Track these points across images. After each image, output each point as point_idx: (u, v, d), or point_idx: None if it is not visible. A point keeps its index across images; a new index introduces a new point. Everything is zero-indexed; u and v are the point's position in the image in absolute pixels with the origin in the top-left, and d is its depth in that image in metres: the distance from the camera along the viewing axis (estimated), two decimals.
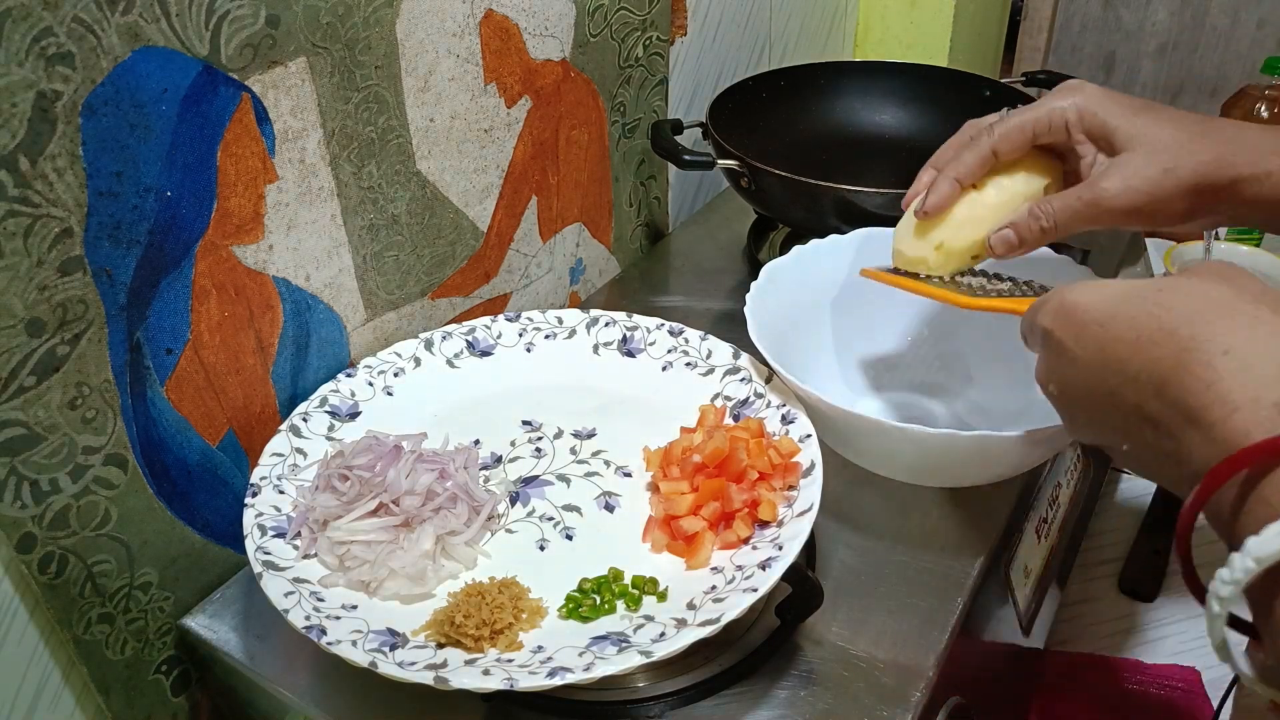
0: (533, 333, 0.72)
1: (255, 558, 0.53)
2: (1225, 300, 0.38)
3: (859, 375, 0.74)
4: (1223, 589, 0.33)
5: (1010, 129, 0.56)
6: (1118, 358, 0.40)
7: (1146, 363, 0.38)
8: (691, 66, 0.99)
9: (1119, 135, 0.53)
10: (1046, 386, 0.46)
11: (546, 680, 0.46)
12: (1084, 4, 1.85)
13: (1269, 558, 0.31)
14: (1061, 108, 0.55)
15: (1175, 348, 0.37)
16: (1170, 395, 0.37)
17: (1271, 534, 0.32)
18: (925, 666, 0.54)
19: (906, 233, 0.61)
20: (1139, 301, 0.40)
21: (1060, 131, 0.55)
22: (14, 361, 0.48)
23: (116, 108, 0.49)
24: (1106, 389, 0.41)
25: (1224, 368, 0.36)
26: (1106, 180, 0.52)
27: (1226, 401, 0.35)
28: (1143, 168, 0.51)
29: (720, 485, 0.57)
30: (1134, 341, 0.39)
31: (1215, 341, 0.36)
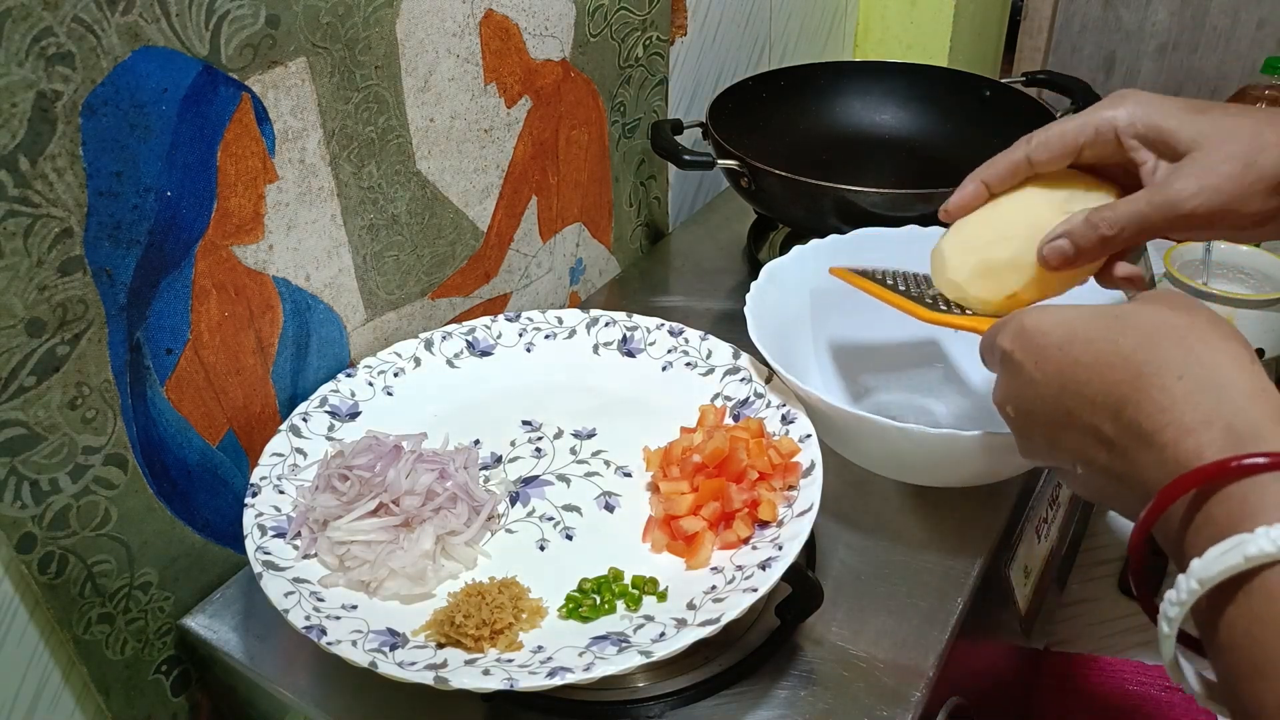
0: (533, 333, 0.72)
1: (255, 558, 0.53)
2: (1181, 328, 0.39)
3: (859, 375, 0.74)
4: (1170, 610, 0.34)
5: (1050, 135, 0.53)
6: (1076, 380, 0.40)
7: (1104, 386, 0.39)
8: (691, 66, 0.99)
9: (1181, 136, 0.48)
10: (1004, 407, 0.46)
11: (546, 680, 0.46)
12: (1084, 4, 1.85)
13: (1210, 580, 0.32)
14: (1109, 115, 0.51)
15: (1132, 372, 0.38)
16: (1126, 418, 0.38)
17: (1213, 556, 0.32)
18: (925, 666, 0.54)
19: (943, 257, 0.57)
20: (1098, 326, 0.41)
21: (1109, 139, 0.51)
22: (14, 361, 0.48)
23: (116, 108, 0.49)
24: (1064, 410, 0.41)
25: (1178, 392, 0.36)
26: (1180, 181, 0.47)
27: (1180, 424, 0.36)
28: (1220, 164, 0.47)
29: (720, 485, 0.57)
30: (1092, 365, 0.40)
31: (1171, 367, 0.37)
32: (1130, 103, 0.51)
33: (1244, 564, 0.31)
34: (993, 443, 0.55)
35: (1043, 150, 0.53)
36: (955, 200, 0.56)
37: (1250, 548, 0.31)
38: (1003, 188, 0.55)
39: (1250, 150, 0.46)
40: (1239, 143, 0.47)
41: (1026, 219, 0.53)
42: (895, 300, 0.59)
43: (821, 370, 0.72)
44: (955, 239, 0.57)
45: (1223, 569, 0.32)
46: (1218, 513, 0.33)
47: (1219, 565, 0.32)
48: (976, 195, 0.56)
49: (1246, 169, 0.46)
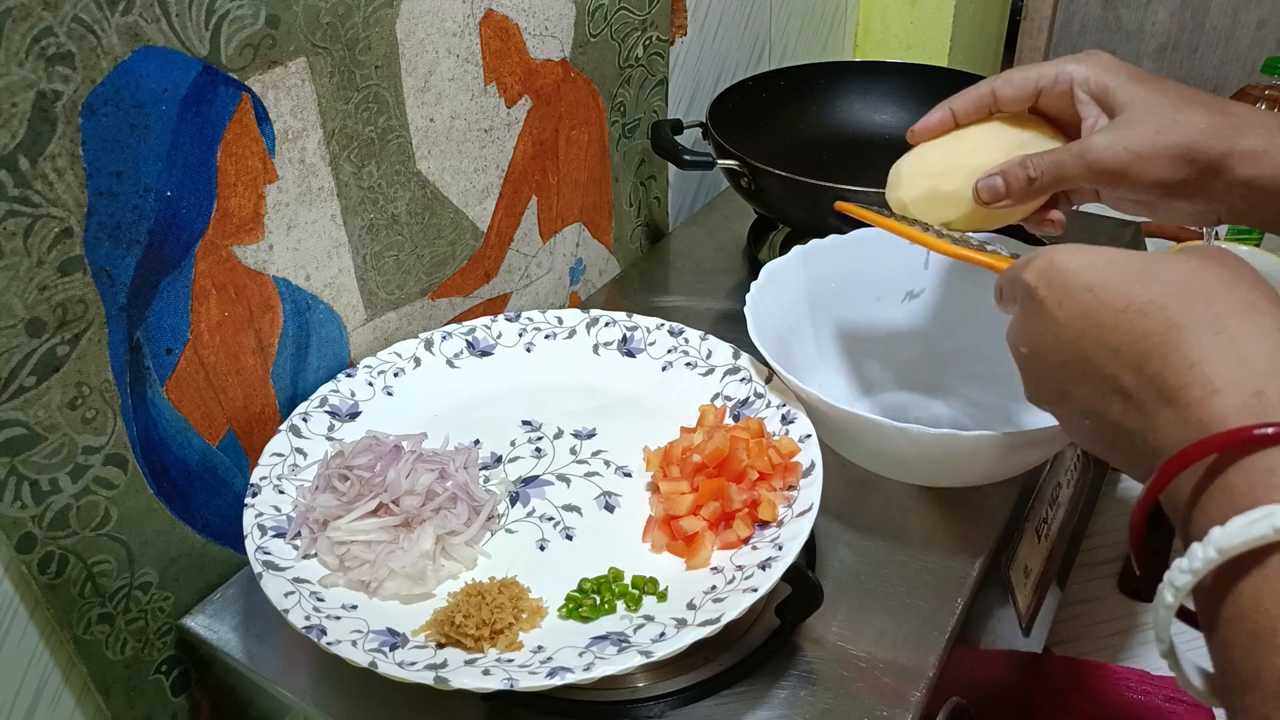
0: (533, 333, 0.72)
1: (255, 558, 0.53)
2: (1222, 283, 0.37)
3: (859, 375, 0.74)
4: (1179, 578, 0.32)
5: (1015, 74, 0.56)
6: (1100, 325, 0.38)
7: (1131, 334, 0.37)
8: (691, 66, 0.99)
9: (1117, 97, 0.53)
10: (1017, 346, 0.44)
11: (546, 680, 0.46)
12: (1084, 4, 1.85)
13: (1231, 550, 0.30)
14: (1069, 68, 0.55)
15: (1164, 323, 0.36)
16: (1150, 370, 0.36)
17: (1238, 526, 0.30)
18: (925, 666, 0.54)
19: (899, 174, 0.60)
20: (1133, 272, 0.39)
21: (1065, 89, 0.55)
22: (14, 361, 0.48)
23: (116, 108, 0.49)
24: (1082, 355, 0.39)
25: (1212, 348, 0.35)
26: (1097, 136, 0.52)
27: (1208, 383, 0.34)
28: (1134, 125, 0.51)
29: (720, 485, 0.57)
30: (1122, 311, 0.38)
31: (1205, 323, 0.35)
32: (1092, 62, 0.54)
33: (1272, 535, 0.30)
34: (993, 443, 0.55)
35: (1007, 87, 0.56)
36: (922, 124, 0.59)
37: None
38: (969, 119, 0.58)
39: (1165, 121, 0.50)
40: (1158, 112, 0.51)
41: (978, 157, 0.57)
42: (910, 233, 0.58)
43: (821, 370, 0.72)
44: (914, 161, 0.60)
45: (1247, 539, 0.30)
46: (1239, 481, 0.32)
47: (1243, 535, 0.30)
48: (943, 122, 0.59)
49: (1157, 135, 0.50)
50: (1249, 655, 0.30)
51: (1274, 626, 0.29)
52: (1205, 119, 0.50)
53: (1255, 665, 0.30)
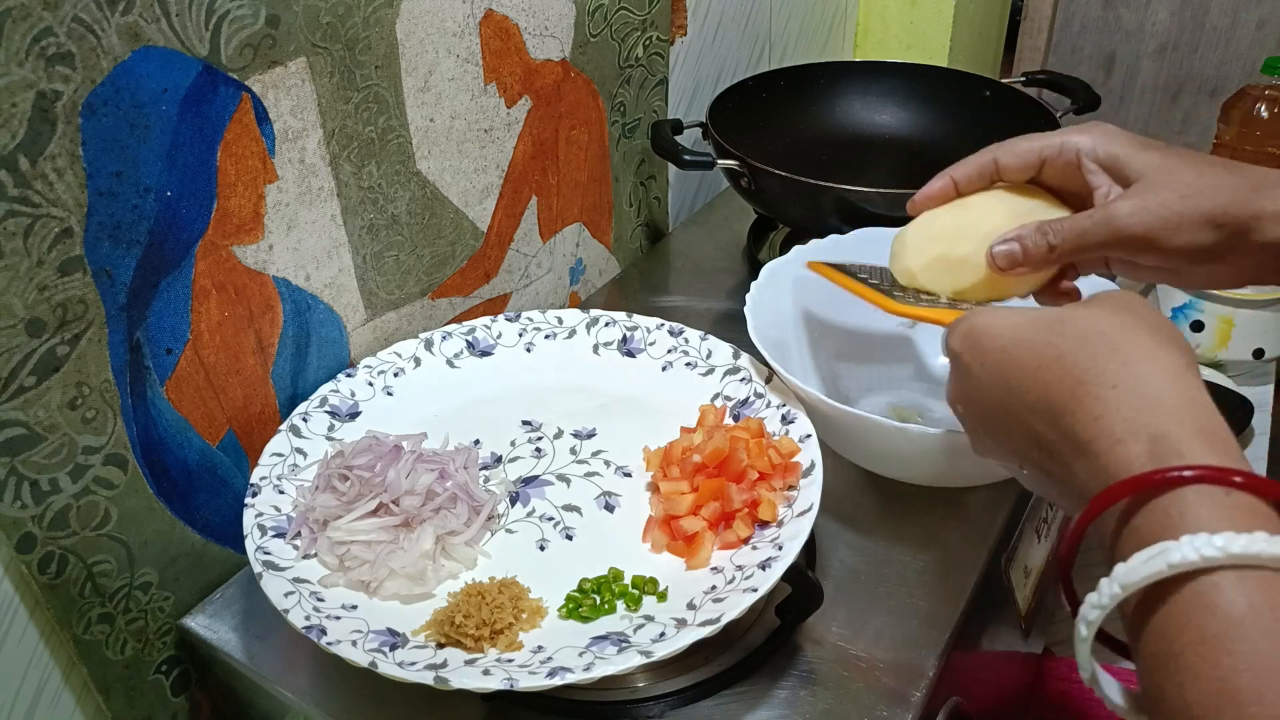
0: (533, 333, 0.72)
1: (255, 558, 0.53)
2: (1118, 334, 0.39)
3: (859, 375, 0.74)
4: (1090, 613, 0.35)
5: (1019, 145, 0.55)
6: (1018, 385, 0.41)
7: (1042, 391, 0.40)
8: (691, 66, 0.99)
9: (1134, 165, 0.51)
10: (954, 405, 0.47)
11: (546, 680, 0.46)
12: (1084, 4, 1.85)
13: (1133, 585, 0.33)
14: (1074, 139, 0.54)
15: (1070, 379, 0.39)
16: (1063, 425, 0.39)
17: (1138, 562, 0.33)
18: (925, 666, 0.54)
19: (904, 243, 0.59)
20: (1040, 330, 0.41)
21: (1070, 160, 0.54)
22: (14, 361, 0.48)
23: (116, 108, 0.49)
24: (1005, 412, 0.42)
25: (1112, 401, 0.37)
26: (1120, 202, 0.50)
27: (1110, 435, 0.37)
28: (1157, 191, 0.50)
29: (720, 485, 0.57)
30: (1033, 370, 0.40)
31: (1105, 375, 0.38)
32: (1096, 133, 0.53)
33: (1168, 570, 0.32)
34: None
35: (1010, 156, 0.55)
36: (923, 193, 0.58)
37: (1174, 555, 0.32)
38: (970, 187, 0.57)
39: (1189, 184, 0.49)
40: (1181, 175, 0.50)
41: (988, 223, 0.56)
42: (863, 292, 0.60)
43: (821, 370, 0.72)
44: (919, 229, 0.59)
45: (1146, 574, 0.33)
46: (1142, 523, 0.34)
47: (1143, 571, 0.33)
48: (944, 191, 0.58)
49: (1183, 199, 0.49)
50: (1154, 676, 0.33)
51: (1172, 651, 0.32)
52: (1229, 180, 0.49)
53: (1160, 685, 0.32)
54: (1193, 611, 0.32)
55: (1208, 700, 0.30)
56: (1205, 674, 0.31)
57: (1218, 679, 0.30)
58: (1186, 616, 0.32)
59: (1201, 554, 0.32)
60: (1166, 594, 0.33)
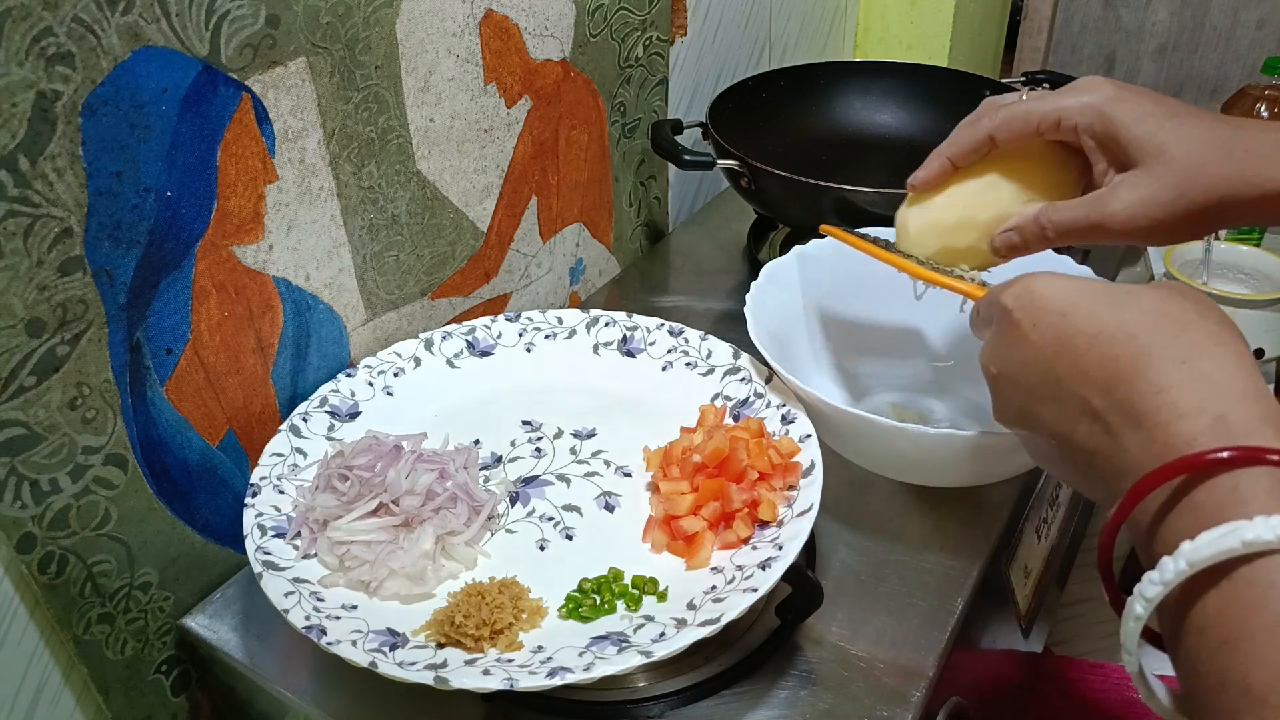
0: (533, 333, 0.72)
1: (255, 558, 0.53)
2: (1188, 315, 0.39)
3: (859, 375, 0.74)
4: (1150, 590, 0.34)
5: (1014, 115, 0.54)
6: (1074, 349, 0.40)
7: (1102, 359, 0.39)
8: (691, 66, 0.99)
9: (1130, 148, 0.50)
10: (988, 367, 0.45)
11: (546, 680, 0.46)
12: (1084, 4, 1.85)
13: (1201, 562, 0.32)
14: (1070, 107, 0.52)
15: (1133, 349, 0.38)
16: (1119, 394, 0.38)
17: (1207, 540, 0.32)
18: (925, 666, 0.54)
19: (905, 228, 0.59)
20: (1106, 300, 0.41)
21: (1069, 133, 0.53)
22: (14, 361, 0.48)
23: (116, 108, 0.49)
24: (1054, 377, 0.41)
25: (1177, 376, 0.37)
26: (1115, 202, 0.50)
27: (1175, 407, 0.36)
28: (1154, 190, 0.49)
29: (720, 485, 0.57)
30: (1093, 336, 0.40)
31: (1173, 351, 0.37)
32: (1093, 94, 0.52)
33: (1241, 549, 0.31)
34: (991, 443, 0.55)
35: (1005, 130, 0.54)
36: (921, 176, 0.58)
37: (1248, 533, 0.31)
38: (967, 163, 0.57)
39: (1185, 180, 0.48)
40: (1178, 169, 0.48)
41: (990, 210, 0.56)
42: (891, 259, 0.59)
43: (821, 370, 0.72)
44: (921, 217, 0.59)
45: (1217, 551, 0.32)
46: (1206, 500, 0.34)
47: (1212, 549, 0.32)
48: (942, 171, 0.57)
49: (1178, 198, 0.48)
50: (1215, 661, 0.32)
51: (1241, 634, 0.31)
52: (1230, 165, 0.48)
53: (1222, 670, 0.31)
54: (1265, 595, 0.31)
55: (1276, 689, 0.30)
56: (1275, 660, 0.30)
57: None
58: (1260, 600, 0.31)
59: (1278, 533, 0.31)
60: (1230, 577, 0.32)
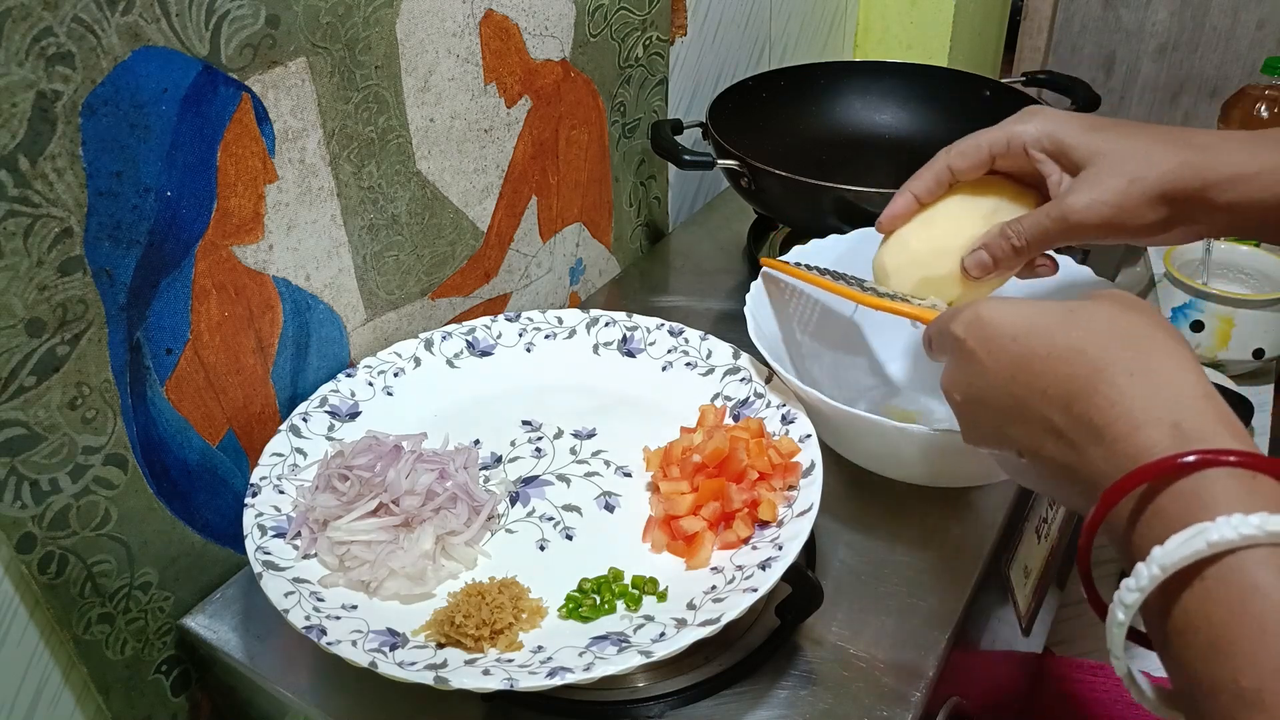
0: (533, 333, 0.72)
1: (255, 558, 0.53)
2: (1134, 328, 0.40)
3: (858, 374, 0.74)
4: (1129, 596, 0.35)
5: (967, 145, 0.57)
6: (1029, 371, 0.41)
7: (1057, 378, 0.40)
8: (691, 66, 0.99)
9: (1079, 152, 0.52)
10: (951, 394, 0.47)
11: (546, 680, 0.46)
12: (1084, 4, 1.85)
13: (1172, 566, 0.33)
14: (1018, 129, 0.55)
15: (1086, 366, 0.39)
16: (1077, 410, 0.39)
17: (1176, 543, 0.33)
18: (925, 666, 0.54)
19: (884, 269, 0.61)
20: (1053, 320, 0.42)
21: (1018, 152, 0.55)
22: (14, 361, 0.48)
23: (116, 108, 0.49)
24: (1014, 399, 0.42)
25: (1129, 388, 0.38)
26: (1072, 196, 0.52)
27: (1130, 420, 0.37)
28: (1106, 179, 0.51)
29: (720, 485, 0.57)
30: (1046, 357, 0.41)
31: (1122, 364, 0.39)
32: (1039, 119, 0.55)
33: (1207, 550, 0.33)
34: None
35: (961, 159, 0.57)
36: (889, 213, 0.60)
37: (1213, 534, 0.32)
38: (931, 197, 0.59)
39: (1136, 167, 0.50)
40: (1126, 160, 0.51)
41: (959, 235, 0.57)
42: (837, 289, 0.61)
43: (821, 370, 0.72)
44: (895, 251, 0.60)
45: (1185, 555, 0.33)
46: (1169, 505, 0.35)
47: (1181, 552, 0.33)
48: (908, 207, 0.59)
49: (1131, 184, 0.50)
50: (1207, 665, 0.33)
51: (1225, 636, 0.32)
52: (1175, 156, 0.50)
53: (1212, 674, 0.32)
54: (1242, 594, 0.32)
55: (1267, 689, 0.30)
56: (1262, 661, 0.31)
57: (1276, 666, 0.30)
58: (1238, 601, 0.32)
59: (1240, 533, 0.32)
60: (1204, 579, 0.33)
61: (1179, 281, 0.99)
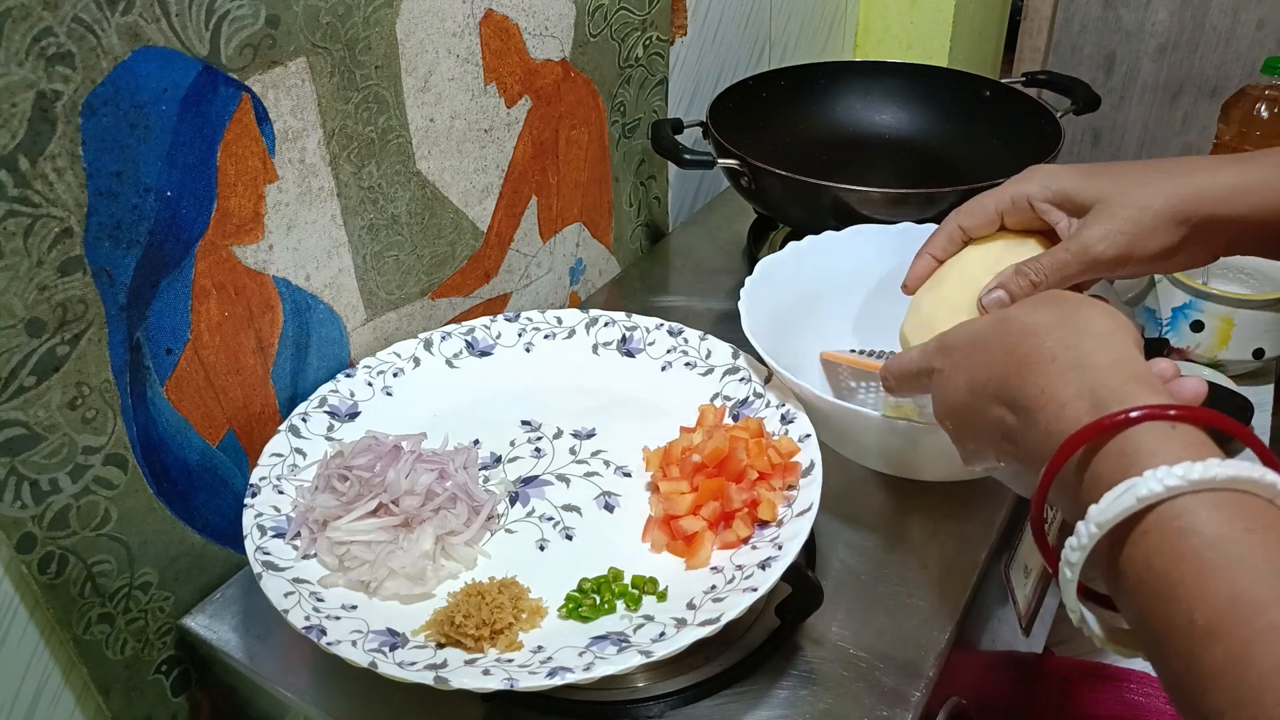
0: (532, 333, 0.72)
1: (255, 558, 0.53)
2: (1052, 319, 0.44)
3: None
4: (1072, 555, 0.37)
5: (975, 206, 0.60)
6: (980, 380, 0.45)
7: (998, 380, 0.44)
8: (691, 66, 0.99)
9: (1083, 195, 0.55)
10: (943, 421, 0.50)
11: (546, 680, 0.46)
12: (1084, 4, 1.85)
13: (1107, 523, 0.36)
14: (1021, 188, 0.58)
15: (1016, 363, 0.43)
16: (1017, 404, 0.42)
17: (1108, 501, 0.36)
18: (925, 666, 0.54)
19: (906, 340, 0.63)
20: (992, 330, 0.46)
21: (1024, 208, 0.58)
22: (14, 361, 0.48)
23: (116, 108, 0.49)
24: (974, 410, 0.46)
25: (1052, 372, 0.41)
26: (1087, 231, 0.54)
27: (1056, 400, 0.40)
28: (1118, 211, 0.53)
29: (720, 485, 0.57)
30: (988, 365, 0.45)
31: (1046, 351, 0.42)
32: (1039, 175, 0.58)
33: (1136, 505, 0.35)
34: None
35: (969, 219, 0.60)
36: (911, 275, 0.63)
37: (1141, 489, 0.35)
38: (946, 255, 0.62)
39: (1143, 197, 0.53)
40: (1131, 192, 0.54)
41: (970, 287, 0.59)
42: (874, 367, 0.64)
43: (817, 365, 0.72)
44: (910, 320, 0.62)
45: (1118, 511, 0.35)
46: (1102, 468, 0.37)
47: (1114, 509, 0.35)
48: (928, 267, 0.63)
49: (1142, 211, 0.53)
50: (1161, 610, 0.34)
51: (1166, 579, 0.34)
52: (1176, 180, 0.53)
53: (1168, 616, 0.34)
54: (1179, 541, 0.34)
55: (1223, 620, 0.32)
56: (1212, 596, 0.33)
57: (1227, 597, 0.32)
58: (1176, 547, 0.34)
59: (1165, 484, 0.34)
60: (1144, 530, 0.35)
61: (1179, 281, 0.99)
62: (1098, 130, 1.93)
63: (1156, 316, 0.99)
